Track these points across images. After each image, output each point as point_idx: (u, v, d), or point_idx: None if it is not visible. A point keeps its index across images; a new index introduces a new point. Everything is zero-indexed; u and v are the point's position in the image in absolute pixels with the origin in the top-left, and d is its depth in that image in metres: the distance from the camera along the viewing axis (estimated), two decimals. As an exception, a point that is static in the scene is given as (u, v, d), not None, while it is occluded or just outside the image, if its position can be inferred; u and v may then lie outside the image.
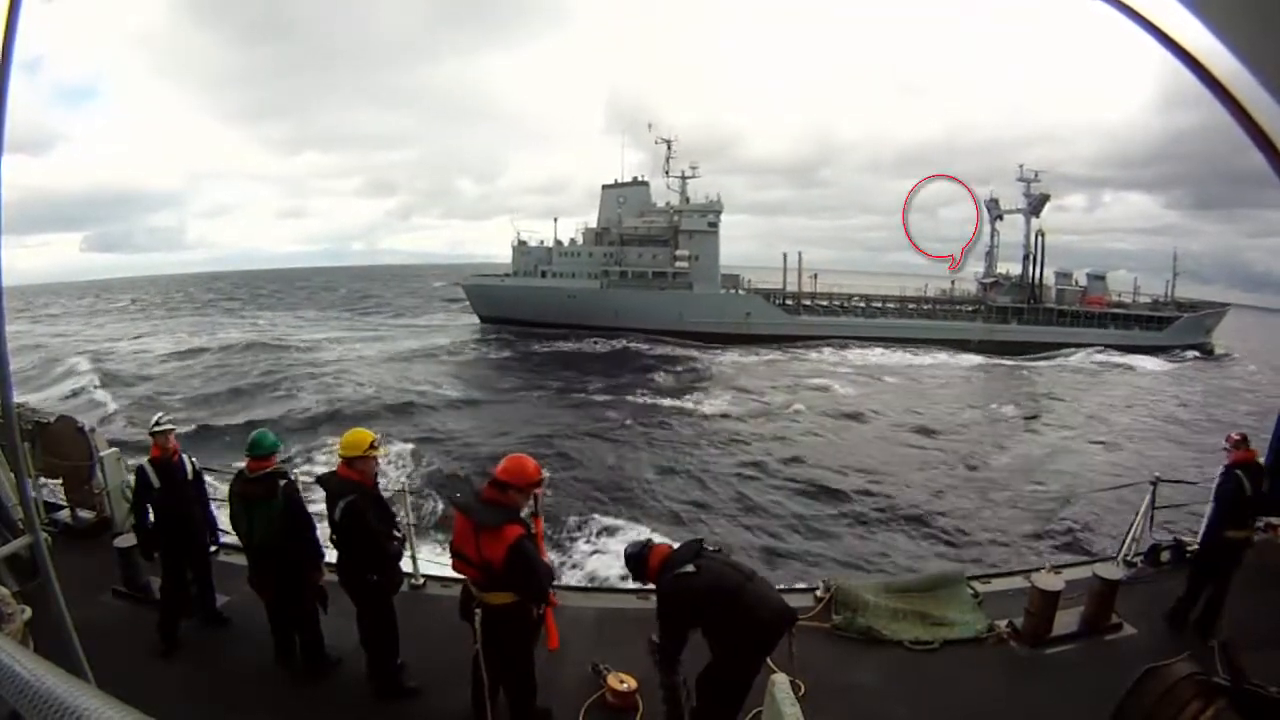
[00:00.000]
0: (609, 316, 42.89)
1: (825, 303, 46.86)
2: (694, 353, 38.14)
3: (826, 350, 40.19)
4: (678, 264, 43.47)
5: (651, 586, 3.65)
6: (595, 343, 40.04)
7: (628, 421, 21.81)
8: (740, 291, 44.72)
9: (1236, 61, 0.99)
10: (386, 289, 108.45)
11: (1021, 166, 45.70)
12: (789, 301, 45.69)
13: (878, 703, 4.23)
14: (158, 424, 4.93)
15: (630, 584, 4.64)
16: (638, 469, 16.73)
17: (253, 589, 4.45)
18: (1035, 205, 45.03)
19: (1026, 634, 4.86)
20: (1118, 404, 27.82)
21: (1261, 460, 4.95)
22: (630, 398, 25.97)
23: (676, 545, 3.68)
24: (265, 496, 4.20)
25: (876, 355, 39.52)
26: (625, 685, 4.08)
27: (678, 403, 25.42)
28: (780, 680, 2.61)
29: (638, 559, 3.64)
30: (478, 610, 3.39)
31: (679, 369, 33.04)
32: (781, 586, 5.08)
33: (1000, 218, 46.28)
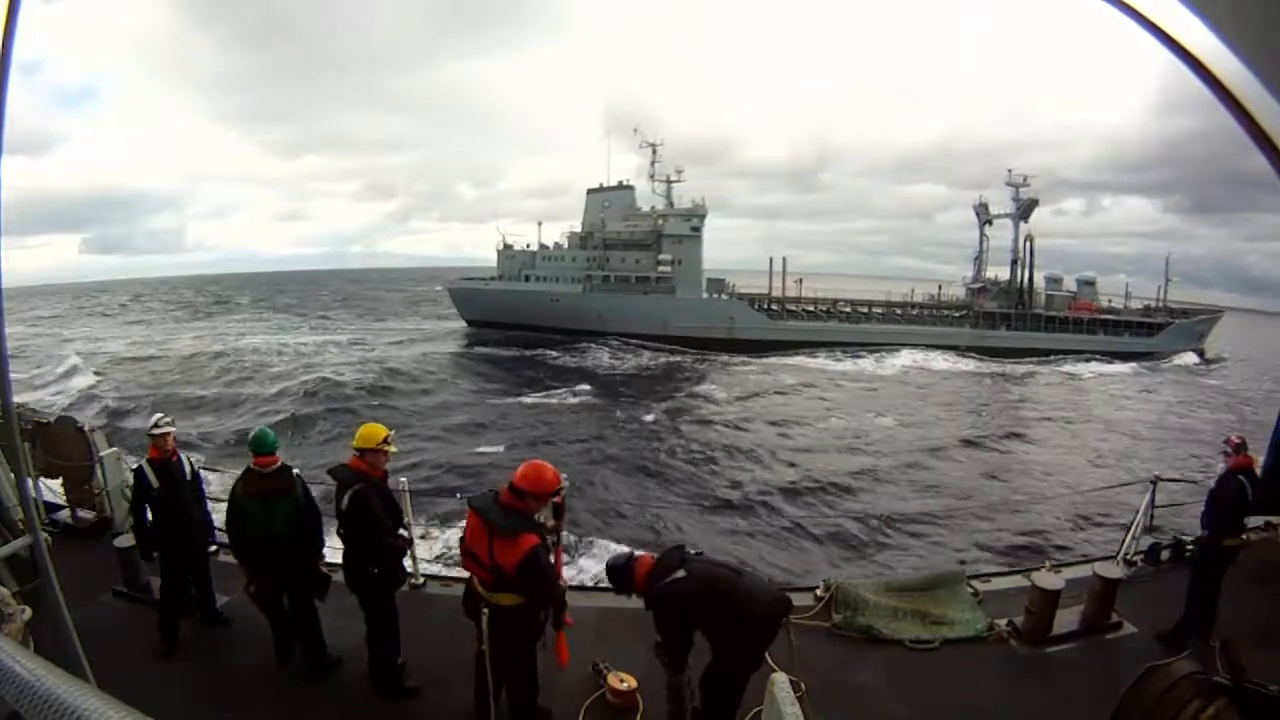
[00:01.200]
0: (593, 320, 42.58)
1: (811, 308, 46.48)
2: (602, 358, 37.56)
3: (809, 357, 39.91)
4: (660, 269, 42.91)
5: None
6: (504, 349, 39.38)
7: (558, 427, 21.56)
8: (724, 296, 43.94)
9: (1239, 62, 1.00)
10: (372, 292, 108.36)
11: (1010, 171, 45.87)
12: (774, 307, 45.21)
13: (878, 702, 4.24)
14: (156, 425, 4.88)
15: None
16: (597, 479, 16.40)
17: (252, 597, 4.35)
18: (1024, 210, 44.99)
19: (1026, 633, 4.88)
20: (1076, 411, 27.79)
21: (1259, 461, 4.96)
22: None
23: (657, 556, 3.66)
24: (286, 491, 4.25)
25: (858, 360, 39.30)
26: (625, 685, 4.09)
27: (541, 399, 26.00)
28: (780, 680, 2.62)
29: (623, 571, 3.61)
30: (484, 610, 3.39)
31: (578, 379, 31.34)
32: (781, 586, 5.08)
33: (989, 222, 46.04)
